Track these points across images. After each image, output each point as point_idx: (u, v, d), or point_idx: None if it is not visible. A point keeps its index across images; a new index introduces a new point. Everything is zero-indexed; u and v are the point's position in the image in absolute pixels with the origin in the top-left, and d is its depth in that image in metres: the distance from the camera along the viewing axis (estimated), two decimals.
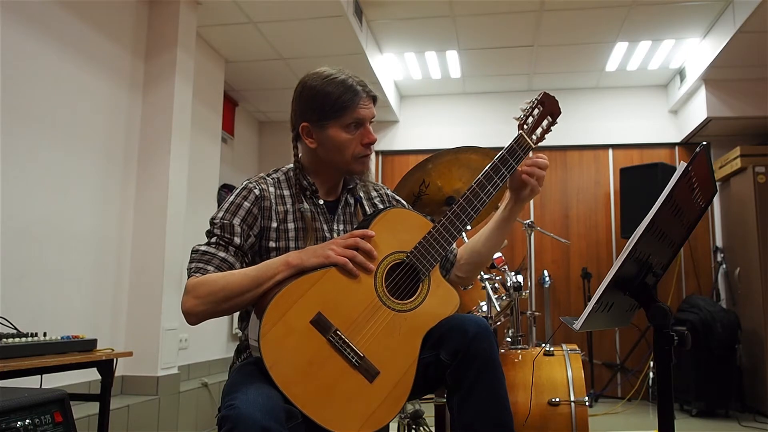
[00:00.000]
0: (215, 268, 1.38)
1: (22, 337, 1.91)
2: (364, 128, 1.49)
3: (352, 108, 1.46)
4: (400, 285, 1.38)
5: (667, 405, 1.15)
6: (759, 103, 4.53)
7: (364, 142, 1.49)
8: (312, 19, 3.69)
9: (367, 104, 1.49)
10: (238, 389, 1.19)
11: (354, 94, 1.46)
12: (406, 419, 2.42)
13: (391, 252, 1.39)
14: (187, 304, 1.35)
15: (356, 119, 1.47)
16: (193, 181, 3.58)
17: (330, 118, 1.46)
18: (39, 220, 2.62)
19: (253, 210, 1.46)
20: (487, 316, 2.20)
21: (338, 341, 1.25)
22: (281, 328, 1.22)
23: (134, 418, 2.83)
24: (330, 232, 1.51)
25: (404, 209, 1.50)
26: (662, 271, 1.23)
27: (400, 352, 1.32)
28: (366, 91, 1.49)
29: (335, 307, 1.28)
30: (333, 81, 1.48)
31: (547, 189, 5.36)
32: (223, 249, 1.41)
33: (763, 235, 4.34)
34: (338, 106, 1.45)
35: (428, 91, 5.46)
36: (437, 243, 1.41)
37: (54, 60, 2.73)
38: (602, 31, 4.23)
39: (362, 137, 1.49)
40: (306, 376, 1.21)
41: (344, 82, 1.47)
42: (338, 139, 1.47)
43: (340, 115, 1.46)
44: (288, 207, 1.49)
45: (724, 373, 4.20)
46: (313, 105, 1.48)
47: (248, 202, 1.46)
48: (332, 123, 1.47)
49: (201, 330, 3.93)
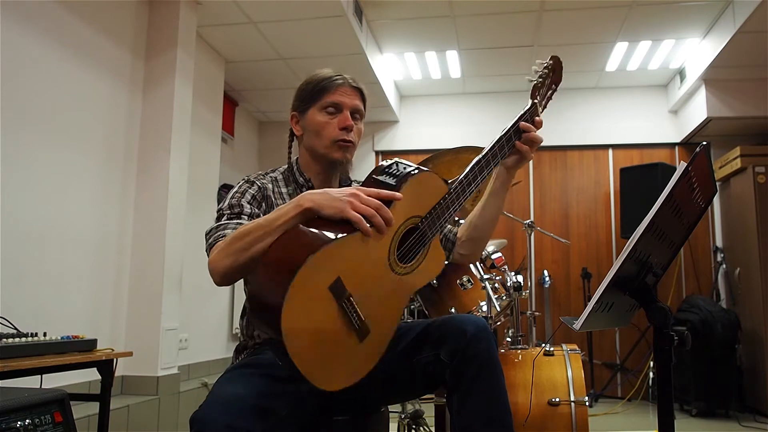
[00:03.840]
0: (232, 231, 1.35)
1: (22, 337, 1.91)
2: (343, 114, 1.51)
3: (330, 91, 1.51)
4: (410, 250, 1.37)
5: (667, 405, 1.15)
6: (759, 103, 4.53)
7: (340, 126, 1.51)
8: (312, 19, 3.69)
9: (347, 92, 1.52)
10: (215, 391, 1.21)
11: (334, 81, 1.51)
12: (406, 419, 2.42)
13: (409, 216, 1.35)
14: (212, 263, 1.31)
15: (333, 102, 1.51)
16: (193, 181, 3.58)
17: (310, 101, 1.52)
18: (39, 220, 2.62)
19: (257, 196, 1.48)
20: (487, 316, 2.19)
21: (348, 307, 1.22)
22: (303, 295, 1.16)
23: (134, 418, 2.83)
24: None
25: (433, 174, 1.42)
26: (662, 271, 1.23)
27: (390, 310, 1.32)
28: (349, 82, 1.53)
29: (353, 272, 1.23)
30: (319, 73, 1.55)
31: (547, 189, 5.36)
32: (235, 217, 1.41)
33: (763, 235, 4.34)
34: (317, 90, 1.51)
35: (428, 91, 5.46)
36: (448, 209, 1.40)
37: (54, 60, 2.73)
38: (602, 31, 4.23)
39: (339, 122, 1.51)
40: (315, 342, 1.18)
41: (329, 73, 1.54)
42: (315, 122, 1.51)
43: (319, 97, 1.51)
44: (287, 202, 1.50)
45: (724, 373, 4.20)
46: (299, 95, 1.56)
47: (252, 190, 1.48)
48: (311, 106, 1.52)
49: (201, 330, 3.94)
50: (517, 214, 4.09)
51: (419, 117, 5.57)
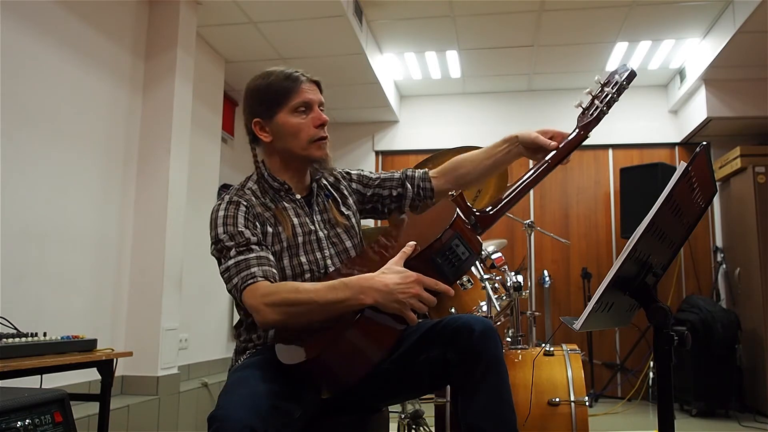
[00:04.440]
0: (260, 269, 1.36)
1: (22, 337, 1.91)
2: (314, 111, 1.51)
3: (296, 92, 1.49)
4: None
5: (667, 405, 1.15)
6: (759, 103, 4.53)
7: (315, 125, 1.51)
8: (312, 19, 3.68)
9: (310, 88, 1.52)
10: (229, 390, 1.21)
11: (294, 80, 1.50)
12: (406, 419, 2.42)
13: None
14: (260, 314, 1.32)
15: (303, 102, 1.50)
16: (193, 181, 3.58)
17: (277, 106, 1.50)
18: (39, 220, 2.62)
19: (248, 216, 1.45)
20: (487, 316, 2.19)
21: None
22: None
23: (134, 418, 2.83)
24: (313, 224, 1.53)
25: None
26: (662, 271, 1.23)
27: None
28: (306, 77, 1.52)
29: None
30: (272, 74, 1.53)
31: (547, 189, 5.36)
32: (247, 251, 1.39)
33: (763, 235, 4.34)
34: (282, 93, 1.49)
35: (428, 91, 5.46)
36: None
37: (54, 60, 2.73)
38: (602, 31, 4.23)
39: (313, 120, 1.51)
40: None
41: (283, 72, 1.52)
42: (289, 125, 1.50)
43: (286, 100, 1.49)
44: (273, 211, 1.50)
45: (724, 373, 4.20)
46: (258, 100, 1.52)
47: (240, 211, 1.45)
48: (280, 110, 1.50)
49: (201, 330, 3.93)
50: (517, 214, 4.08)
51: (419, 117, 5.57)
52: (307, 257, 1.48)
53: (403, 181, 1.68)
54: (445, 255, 1.29)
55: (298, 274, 1.46)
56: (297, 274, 1.46)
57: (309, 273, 1.47)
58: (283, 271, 1.46)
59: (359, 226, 1.65)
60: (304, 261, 1.47)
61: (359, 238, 1.62)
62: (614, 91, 1.55)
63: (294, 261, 1.47)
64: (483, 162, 1.63)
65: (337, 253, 1.54)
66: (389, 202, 1.69)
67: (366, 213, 1.72)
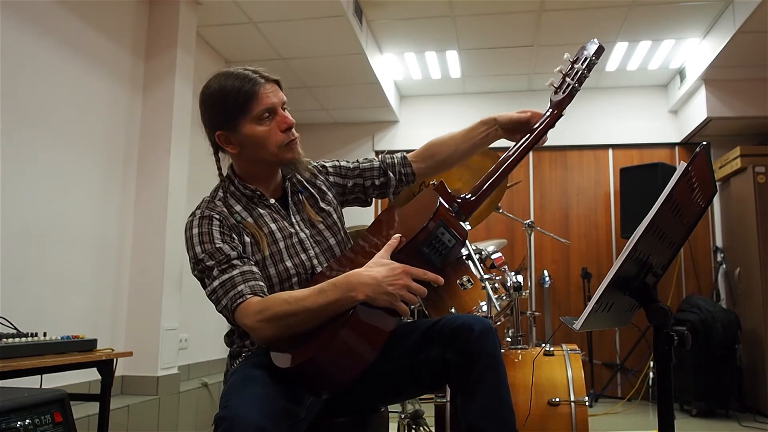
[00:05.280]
0: (247, 285, 1.33)
1: (22, 337, 1.91)
2: (278, 115, 1.42)
3: (256, 98, 1.38)
4: None
5: (667, 405, 1.15)
6: (759, 103, 4.53)
7: (282, 129, 1.42)
8: (312, 19, 3.68)
9: (271, 90, 1.41)
10: (235, 391, 1.20)
11: (252, 84, 1.39)
12: (406, 419, 2.42)
13: None
14: (254, 331, 1.30)
15: (266, 108, 1.39)
16: (193, 181, 3.58)
17: (238, 115, 1.39)
18: (39, 220, 2.62)
19: (224, 229, 1.41)
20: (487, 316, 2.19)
21: None
22: None
23: (134, 418, 2.83)
24: (292, 226, 1.49)
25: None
26: (662, 271, 1.23)
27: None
28: (264, 77, 1.41)
29: None
30: (227, 77, 1.41)
31: (547, 189, 5.36)
32: (230, 268, 1.35)
33: (763, 235, 4.33)
34: (241, 100, 1.38)
35: (428, 91, 5.46)
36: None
37: (54, 60, 2.73)
38: (602, 31, 4.23)
39: (279, 125, 1.42)
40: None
41: (238, 75, 1.40)
42: (255, 135, 1.40)
43: (247, 109, 1.38)
44: (248, 219, 1.46)
45: (724, 373, 4.20)
46: (217, 109, 1.43)
47: (215, 226, 1.41)
48: (243, 120, 1.40)
49: (201, 330, 3.93)
50: (517, 214, 4.09)
51: (419, 117, 5.57)
52: (293, 261, 1.44)
53: (384, 170, 1.66)
54: (432, 244, 1.29)
55: (284, 279, 1.43)
56: (284, 280, 1.43)
57: (296, 276, 1.44)
58: (270, 279, 1.42)
59: (342, 221, 1.61)
60: (290, 265, 1.43)
61: (343, 233, 1.58)
62: (584, 67, 1.55)
63: (280, 267, 1.43)
64: (460, 146, 1.65)
65: (322, 251, 1.50)
66: (372, 191, 1.67)
67: (349, 203, 1.69)
